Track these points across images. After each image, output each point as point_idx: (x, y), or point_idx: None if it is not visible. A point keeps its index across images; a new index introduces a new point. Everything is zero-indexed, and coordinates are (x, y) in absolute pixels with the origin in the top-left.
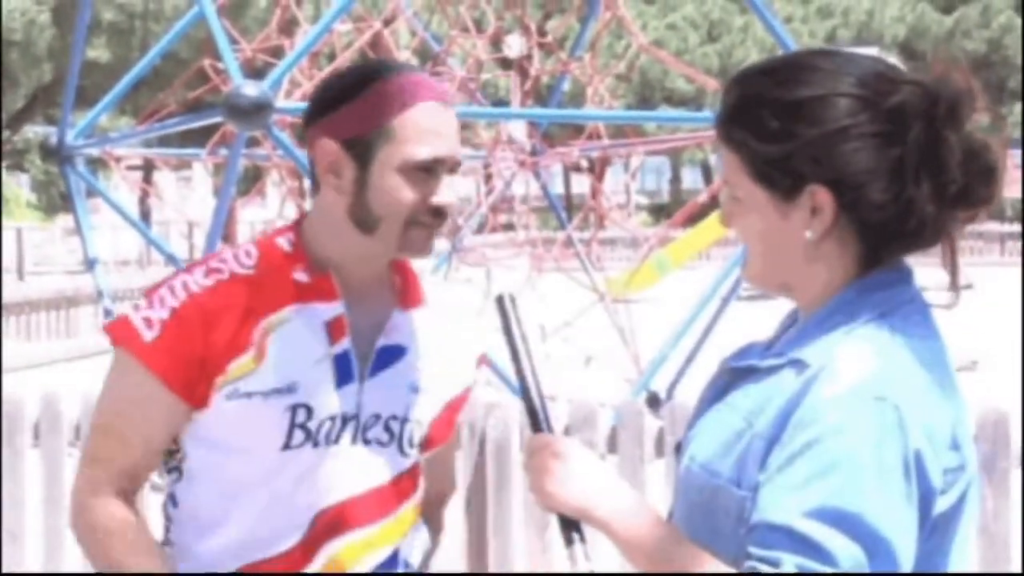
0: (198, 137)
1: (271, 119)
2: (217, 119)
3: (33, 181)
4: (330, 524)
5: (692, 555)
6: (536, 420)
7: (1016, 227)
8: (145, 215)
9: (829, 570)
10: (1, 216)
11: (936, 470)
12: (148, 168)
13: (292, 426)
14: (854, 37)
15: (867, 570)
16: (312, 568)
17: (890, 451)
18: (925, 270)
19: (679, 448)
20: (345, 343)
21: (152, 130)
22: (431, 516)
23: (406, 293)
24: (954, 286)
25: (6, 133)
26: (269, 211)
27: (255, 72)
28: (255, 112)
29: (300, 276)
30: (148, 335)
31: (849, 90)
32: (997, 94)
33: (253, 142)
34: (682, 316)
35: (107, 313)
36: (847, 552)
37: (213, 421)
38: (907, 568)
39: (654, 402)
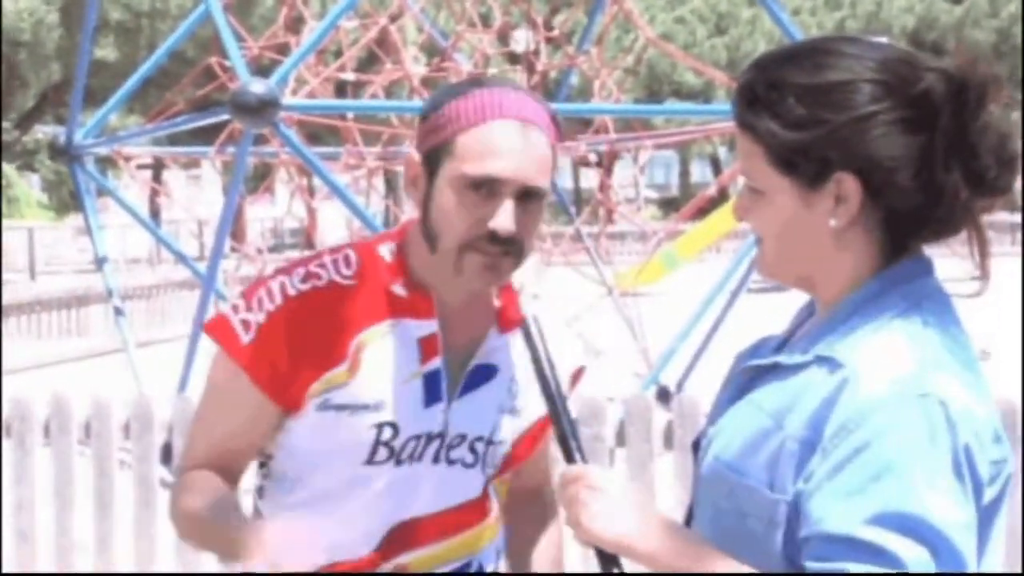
0: (207, 135)
1: (278, 116)
2: (224, 117)
3: (43, 181)
4: (403, 538)
5: None
6: (568, 449)
7: (1018, 217)
8: (154, 214)
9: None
10: (1, 215)
11: (984, 463)
12: (157, 167)
13: (377, 443)
14: (863, 28)
15: (935, 570)
16: (380, 571)
17: (941, 449)
18: (942, 261)
19: (696, 446)
20: (437, 362)
21: (160, 128)
22: (532, 505)
23: (505, 314)
24: (984, 273)
25: (16, 133)
26: (278, 208)
27: (262, 70)
28: (262, 109)
29: (398, 290)
30: (245, 337)
31: (873, 75)
32: (1006, 84)
33: (261, 140)
34: (691, 310)
35: (117, 311)
36: (913, 554)
37: (301, 429)
38: (972, 565)
39: (664, 396)
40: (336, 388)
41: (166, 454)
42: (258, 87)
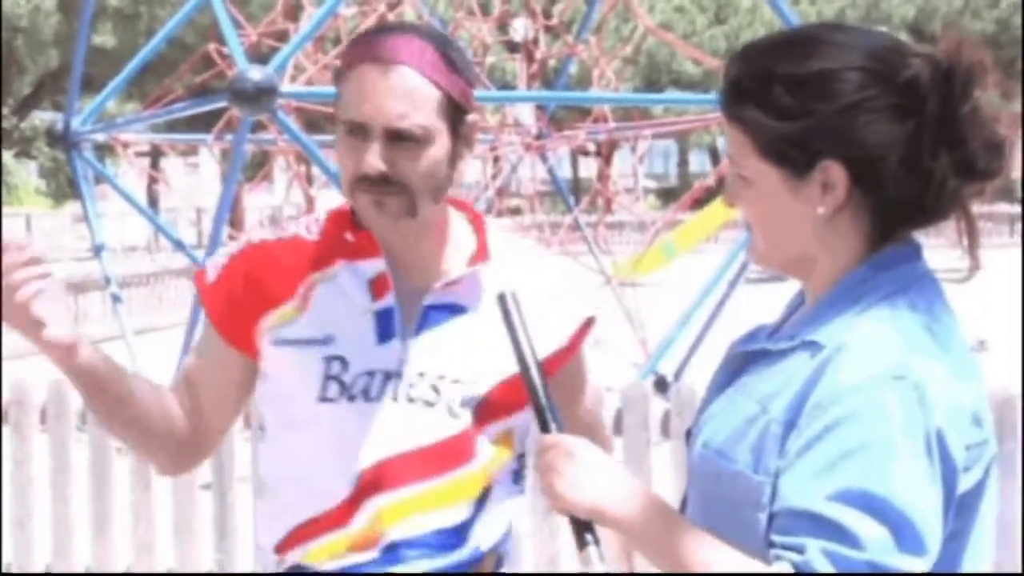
0: (205, 122)
1: (276, 103)
2: (223, 104)
3: (41, 168)
4: (374, 480)
5: (713, 551)
6: (543, 419)
7: (1017, 208)
8: (152, 201)
9: (855, 553)
10: (0, 201)
11: (959, 447)
12: (155, 154)
13: (326, 377)
14: (862, 17)
15: (894, 551)
16: (355, 524)
17: (912, 430)
18: (931, 252)
19: (690, 434)
20: (389, 299)
21: (158, 115)
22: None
23: (475, 250)
24: (973, 259)
25: (13, 120)
26: (276, 196)
27: (261, 57)
28: (260, 96)
29: (348, 236)
30: (211, 278)
31: (860, 63)
32: (1006, 74)
33: (260, 127)
34: (689, 299)
35: (115, 299)
36: (873, 533)
37: (263, 371)
38: (934, 548)
39: (662, 385)
40: (286, 324)
41: None
42: (256, 74)
